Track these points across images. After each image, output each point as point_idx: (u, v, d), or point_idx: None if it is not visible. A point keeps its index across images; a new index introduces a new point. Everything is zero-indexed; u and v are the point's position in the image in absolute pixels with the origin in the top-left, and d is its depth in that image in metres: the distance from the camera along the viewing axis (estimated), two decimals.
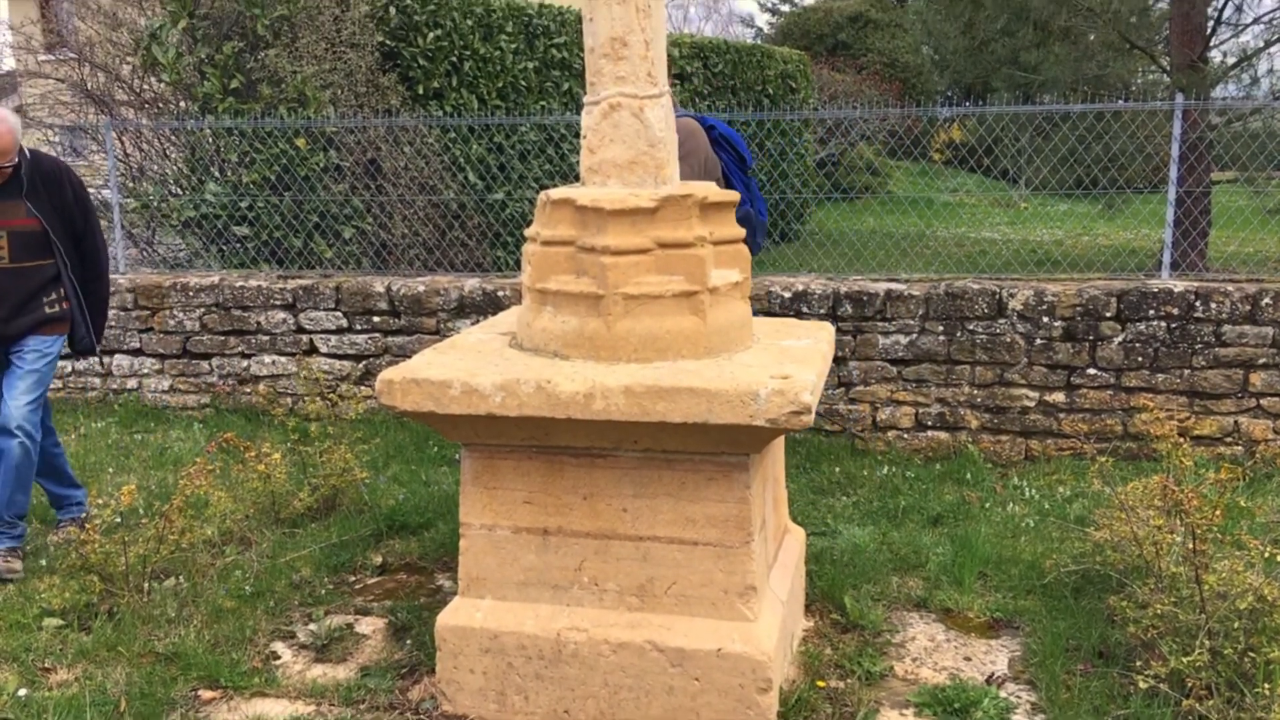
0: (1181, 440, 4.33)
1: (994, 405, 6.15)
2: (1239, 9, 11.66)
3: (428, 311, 6.91)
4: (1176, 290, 5.94)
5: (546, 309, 3.35)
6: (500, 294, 6.77)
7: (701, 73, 13.81)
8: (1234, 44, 11.89)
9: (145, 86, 8.71)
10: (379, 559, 4.71)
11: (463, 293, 6.84)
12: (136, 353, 7.38)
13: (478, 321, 6.65)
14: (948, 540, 4.81)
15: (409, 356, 6.23)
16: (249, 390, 7.22)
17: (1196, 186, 8.33)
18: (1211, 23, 11.54)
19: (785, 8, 38.86)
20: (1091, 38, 11.92)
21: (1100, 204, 11.00)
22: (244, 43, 7.91)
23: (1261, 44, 11.62)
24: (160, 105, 8.62)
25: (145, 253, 8.51)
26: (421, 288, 6.92)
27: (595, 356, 3.22)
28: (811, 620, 4.03)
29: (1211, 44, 11.65)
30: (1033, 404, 6.11)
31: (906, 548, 4.73)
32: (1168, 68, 11.63)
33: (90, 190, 8.78)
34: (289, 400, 7.05)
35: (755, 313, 5.00)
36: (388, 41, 8.75)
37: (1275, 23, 11.56)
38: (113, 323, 7.36)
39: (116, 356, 7.40)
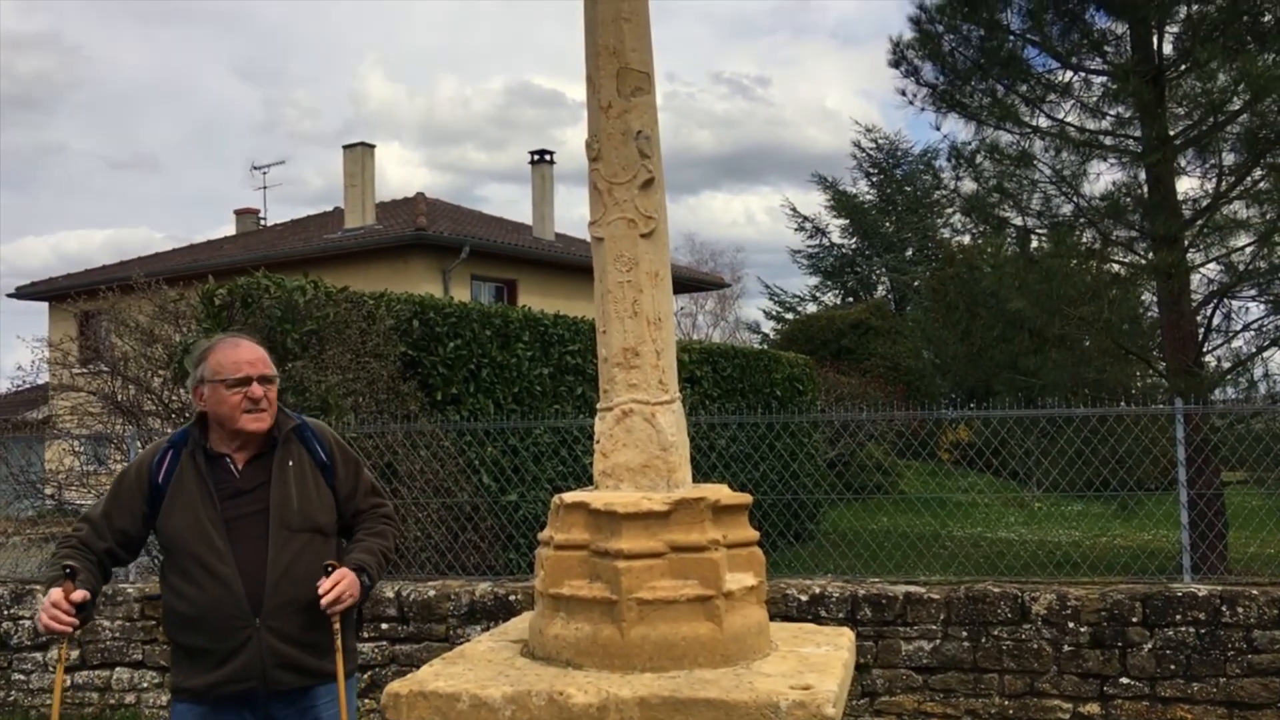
0: None
1: (1027, 718, 5.86)
2: (1228, 316, 12.14)
3: (438, 618, 6.77)
4: (1201, 594, 5.81)
5: (559, 615, 3.29)
6: (512, 598, 6.66)
7: (711, 376, 14.26)
8: (1227, 349, 12.29)
9: (173, 397, 9.01)
10: None
11: (474, 597, 6.73)
12: (138, 665, 7.18)
13: (489, 628, 6.49)
14: None
15: (417, 666, 6.05)
16: None
17: (1207, 488, 8.36)
18: (1202, 330, 11.98)
19: (789, 315, 40.72)
20: (1087, 343, 12.35)
21: (1114, 505, 10.99)
22: (273, 354, 8.25)
23: (1254, 349, 12.00)
24: (186, 415, 8.87)
25: (157, 560, 8.47)
26: (432, 592, 6.82)
27: (609, 665, 3.13)
28: None
29: (1205, 349, 12.03)
30: (1067, 716, 5.83)
31: None
32: (1164, 372, 11.96)
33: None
34: None
35: (771, 617, 4.89)
36: (410, 351, 9.13)
37: (1265, 329, 12.00)
38: (116, 633, 7.21)
39: (117, 669, 7.19)
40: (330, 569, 3.13)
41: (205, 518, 3.11)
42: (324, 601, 3.06)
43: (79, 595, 2.92)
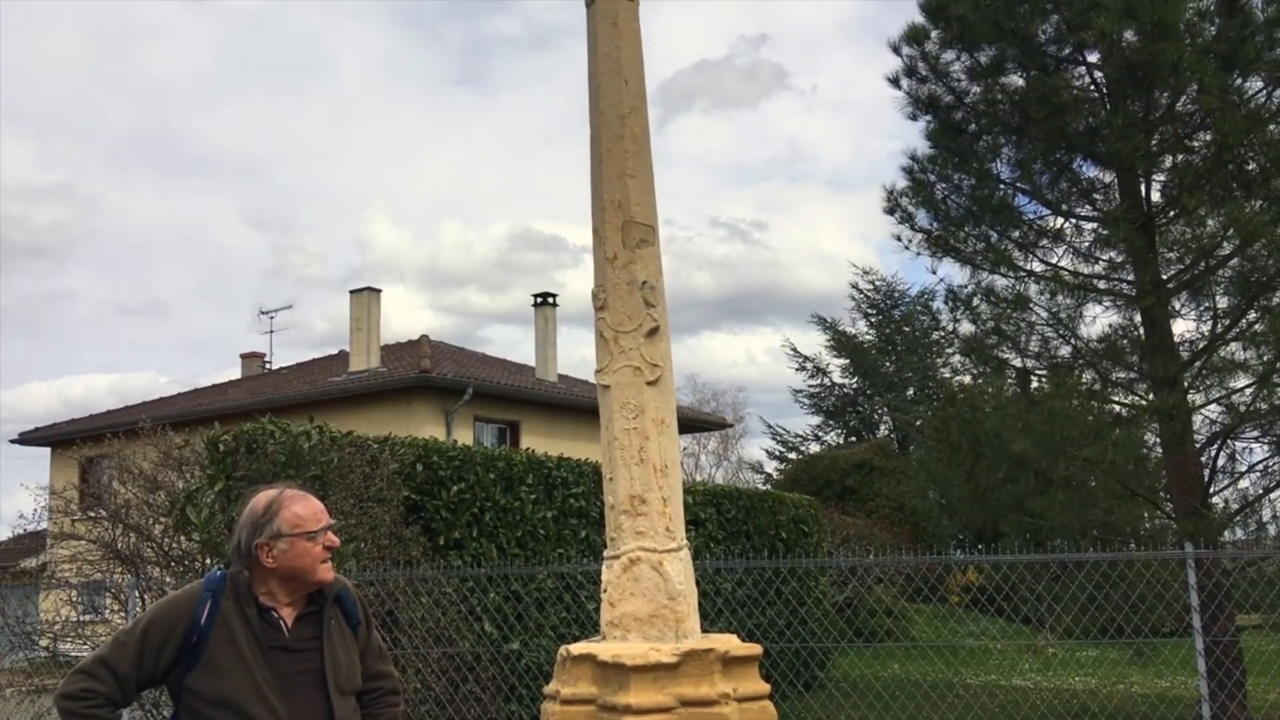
0: None
1: None
2: (1232, 458, 12.09)
3: None
4: None
5: None
6: None
7: (715, 518, 14.13)
8: (1233, 490, 12.20)
9: (174, 545, 8.94)
10: None
11: None
12: None
13: None
14: None
15: None
16: None
17: (1223, 635, 8.20)
18: (1207, 471, 11.91)
19: (792, 455, 40.62)
20: (1092, 484, 12.27)
21: (1129, 651, 10.74)
22: None
23: (1260, 490, 11.91)
24: (186, 563, 8.78)
25: (150, 714, 8.26)
26: None
27: None
28: None
29: (1211, 490, 11.94)
30: None
31: None
32: (1172, 513, 11.85)
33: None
34: None
35: None
36: (413, 495, 9.10)
37: (1271, 470, 11.93)
38: None
39: None
40: None
41: (260, 677, 2.97)
42: None
43: None
